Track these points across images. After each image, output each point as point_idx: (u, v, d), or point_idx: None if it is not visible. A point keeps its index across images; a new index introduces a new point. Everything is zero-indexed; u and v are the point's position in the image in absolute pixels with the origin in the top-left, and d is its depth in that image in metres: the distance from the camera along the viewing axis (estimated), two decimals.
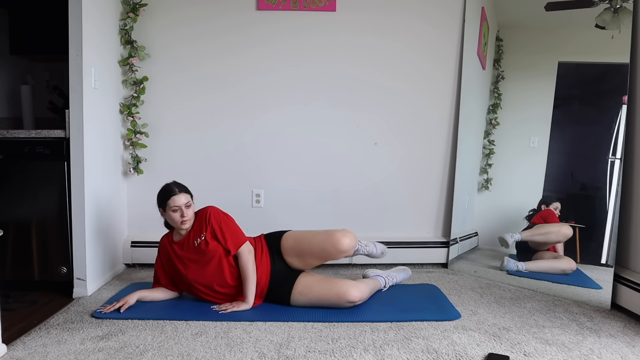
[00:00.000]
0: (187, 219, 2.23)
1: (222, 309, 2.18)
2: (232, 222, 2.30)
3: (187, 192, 2.28)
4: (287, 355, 1.77)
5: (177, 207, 2.21)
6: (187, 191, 2.29)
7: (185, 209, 2.22)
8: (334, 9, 3.05)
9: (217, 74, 3.05)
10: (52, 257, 2.47)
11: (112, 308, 2.16)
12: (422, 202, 3.20)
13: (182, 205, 2.22)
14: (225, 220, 2.27)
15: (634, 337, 1.98)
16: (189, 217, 2.24)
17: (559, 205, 2.73)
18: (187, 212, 2.23)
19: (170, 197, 2.22)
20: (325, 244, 2.27)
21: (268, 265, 2.30)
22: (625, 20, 2.42)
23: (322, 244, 2.27)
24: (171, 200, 2.21)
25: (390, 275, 2.60)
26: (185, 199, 2.23)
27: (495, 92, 3.04)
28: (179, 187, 2.27)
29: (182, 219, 2.22)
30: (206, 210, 2.28)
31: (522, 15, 3.00)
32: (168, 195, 2.23)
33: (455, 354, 1.79)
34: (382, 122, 3.13)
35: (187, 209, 2.23)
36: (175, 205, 2.21)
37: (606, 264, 2.44)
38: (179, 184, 2.29)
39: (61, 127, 2.43)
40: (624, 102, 2.42)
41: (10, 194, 2.45)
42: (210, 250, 2.22)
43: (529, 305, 2.37)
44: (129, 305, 2.19)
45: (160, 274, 2.35)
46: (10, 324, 2.06)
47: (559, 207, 2.73)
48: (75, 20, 2.36)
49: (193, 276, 2.24)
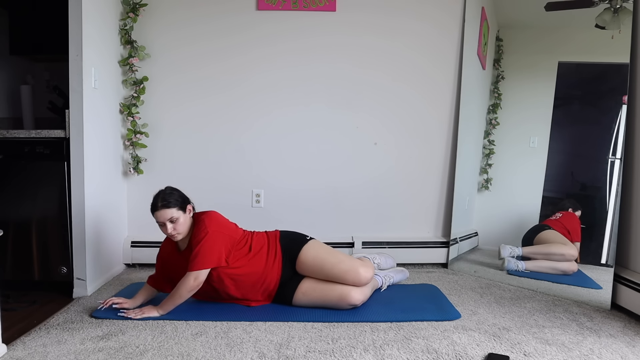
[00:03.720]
0: (175, 233, 2.12)
1: (130, 315, 2.11)
2: (215, 240, 2.12)
3: (175, 205, 2.11)
4: (287, 355, 1.77)
5: (161, 223, 2.12)
6: (176, 203, 2.12)
7: (170, 223, 2.10)
8: (334, 9, 3.05)
9: (217, 74, 3.06)
10: (52, 257, 2.47)
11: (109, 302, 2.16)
12: (422, 202, 3.20)
13: (165, 221, 2.10)
14: (210, 236, 2.11)
15: (634, 337, 1.98)
16: (179, 230, 2.12)
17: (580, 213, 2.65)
18: (176, 227, 2.11)
19: (153, 212, 2.12)
20: (346, 275, 2.20)
21: (279, 271, 2.25)
22: (625, 20, 2.41)
23: (343, 274, 2.20)
24: (155, 216, 2.12)
25: (387, 275, 2.59)
26: (169, 214, 2.09)
27: (495, 92, 3.04)
28: (165, 201, 2.10)
29: (170, 234, 2.13)
30: (204, 218, 2.16)
31: (522, 15, 3.00)
32: (152, 210, 2.13)
33: (455, 354, 1.78)
34: (382, 123, 3.13)
35: (173, 223, 2.11)
36: (159, 220, 2.12)
37: (606, 264, 2.44)
38: (167, 196, 2.13)
39: (61, 127, 2.43)
40: (624, 102, 2.41)
41: (10, 194, 2.45)
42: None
43: (529, 305, 2.37)
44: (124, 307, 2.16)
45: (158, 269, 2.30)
46: (10, 324, 2.06)
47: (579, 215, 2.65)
48: (75, 20, 2.36)
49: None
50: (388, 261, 2.71)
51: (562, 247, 2.65)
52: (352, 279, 2.20)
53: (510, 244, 2.85)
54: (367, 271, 2.24)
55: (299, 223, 3.09)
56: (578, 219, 2.63)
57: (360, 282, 2.21)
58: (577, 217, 2.64)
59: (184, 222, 2.14)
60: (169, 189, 2.18)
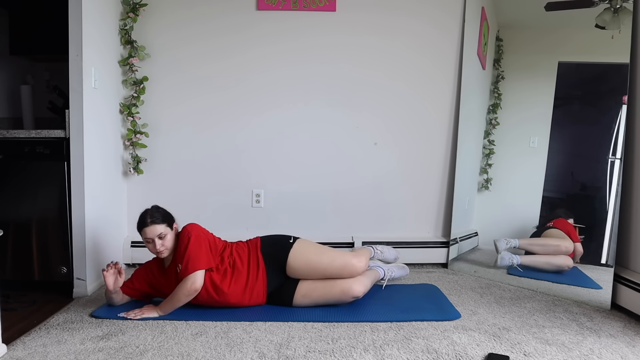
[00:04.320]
0: (162, 249, 2.14)
1: (130, 315, 2.11)
2: (198, 245, 2.14)
3: (163, 222, 2.15)
4: (287, 355, 1.77)
5: (150, 239, 2.14)
6: (164, 220, 2.16)
7: (158, 240, 2.13)
8: (334, 9, 3.05)
9: (218, 73, 3.05)
10: (52, 257, 2.47)
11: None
12: (422, 202, 3.20)
13: (154, 237, 2.12)
14: (192, 243, 2.12)
15: (634, 337, 1.98)
16: (166, 247, 2.15)
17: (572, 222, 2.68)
18: (164, 243, 2.14)
19: (141, 228, 2.15)
20: (342, 272, 2.24)
21: (264, 282, 2.24)
22: (625, 20, 2.41)
23: (339, 271, 2.24)
24: (143, 232, 2.15)
25: (390, 269, 2.63)
26: (158, 230, 2.12)
27: (495, 92, 3.04)
28: (154, 217, 2.15)
29: (157, 250, 2.15)
30: (183, 232, 2.18)
31: (522, 15, 3.00)
32: (140, 226, 2.16)
33: (455, 354, 1.78)
34: (382, 122, 3.13)
35: (161, 239, 2.14)
36: (147, 237, 2.14)
37: (606, 264, 2.44)
38: (155, 213, 2.17)
39: (61, 127, 2.43)
40: (624, 102, 2.42)
41: (10, 194, 2.45)
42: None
43: (529, 305, 2.37)
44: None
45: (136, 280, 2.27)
46: (10, 324, 2.06)
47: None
48: (75, 20, 2.36)
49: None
50: (391, 252, 2.75)
51: (558, 239, 2.66)
52: (348, 273, 2.25)
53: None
54: (360, 260, 2.30)
55: (298, 223, 3.10)
56: (571, 224, 2.65)
57: (357, 273, 2.27)
58: (571, 224, 2.65)
59: (171, 238, 2.19)
60: (155, 207, 2.23)
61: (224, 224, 3.07)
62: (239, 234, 2.87)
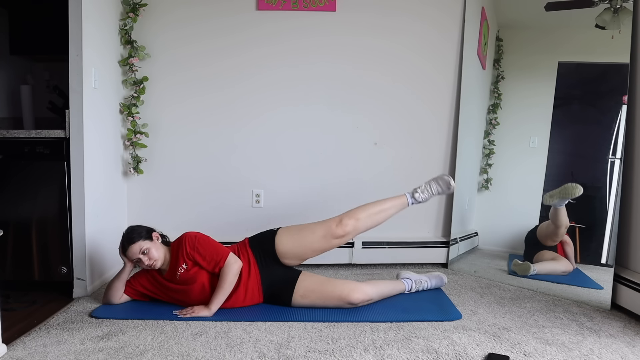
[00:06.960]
0: (152, 262, 2.19)
1: (182, 314, 2.14)
2: (207, 241, 2.22)
3: (140, 239, 2.19)
4: (287, 355, 1.77)
5: (136, 259, 2.19)
6: (140, 236, 2.20)
7: (143, 256, 2.18)
8: (334, 9, 3.05)
9: (218, 73, 3.05)
10: (52, 257, 2.47)
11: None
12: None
13: (138, 255, 2.18)
14: (200, 242, 2.20)
15: (634, 337, 1.98)
16: (155, 258, 2.19)
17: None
18: (150, 256, 2.18)
19: (124, 254, 2.22)
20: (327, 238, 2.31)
21: (258, 279, 2.26)
22: (625, 20, 2.42)
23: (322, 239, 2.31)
24: (127, 256, 2.21)
25: (420, 279, 2.51)
26: (138, 247, 2.17)
27: (495, 92, 3.04)
28: (129, 239, 2.20)
29: (148, 265, 2.19)
30: (181, 240, 2.21)
31: (522, 15, 3.00)
32: (123, 252, 2.22)
33: (455, 354, 1.78)
34: (382, 123, 3.13)
35: (146, 255, 2.18)
36: (133, 258, 2.20)
37: (606, 264, 2.44)
38: (129, 234, 2.21)
39: (61, 127, 2.42)
40: (624, 102, 2.42)
41: (10, 194, 2.44)
42: (192, 277, 2.18)
43: (529, 305, 2.37)
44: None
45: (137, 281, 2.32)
46: (10, 324, 2.06)
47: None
48: (75, 20, 2.36)
49: (177, 301, 2.26)
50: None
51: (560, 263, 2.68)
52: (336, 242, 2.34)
53: (510, 244, 2.86)
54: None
55: (298, 221, 3.08)
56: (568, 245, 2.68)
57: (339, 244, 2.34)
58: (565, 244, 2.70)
59: (156, 249, 2.21)
60: (129, 227, 2.27)
61: (223, 224, 3.08)
62: (239, 234, 2.86)
